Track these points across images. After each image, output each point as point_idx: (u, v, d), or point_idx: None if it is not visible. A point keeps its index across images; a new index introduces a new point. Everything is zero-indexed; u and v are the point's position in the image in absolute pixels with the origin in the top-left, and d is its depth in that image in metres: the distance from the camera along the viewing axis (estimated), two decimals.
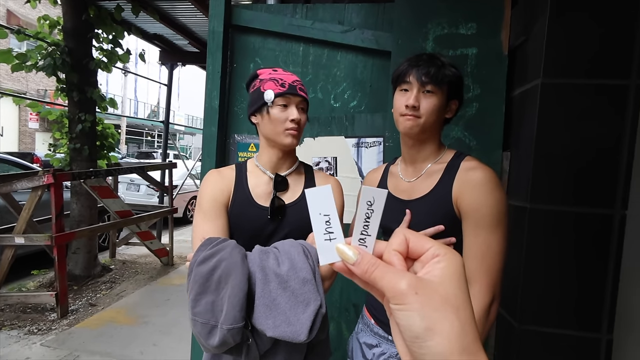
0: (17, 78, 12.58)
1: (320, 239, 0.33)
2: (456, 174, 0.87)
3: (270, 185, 0.96)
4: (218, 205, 0.93)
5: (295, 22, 1.67)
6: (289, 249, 0.82)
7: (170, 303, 3.23)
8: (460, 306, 0.27)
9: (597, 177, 1.15)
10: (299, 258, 0.79)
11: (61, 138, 3.88)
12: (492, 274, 0.80)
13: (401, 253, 0.31)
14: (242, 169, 1.00)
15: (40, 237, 2.82)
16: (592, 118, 1.15)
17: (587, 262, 1.16)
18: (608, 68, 1.14)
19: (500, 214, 0.82)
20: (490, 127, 1.43)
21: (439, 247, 0.30)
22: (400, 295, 0.27)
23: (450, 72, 0.88)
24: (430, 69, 0.87)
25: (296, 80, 0.95)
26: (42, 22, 3.62)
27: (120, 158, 12.03)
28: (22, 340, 2.53)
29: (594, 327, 1.16)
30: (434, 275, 0.28)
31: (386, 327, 0.96)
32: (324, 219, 0.33)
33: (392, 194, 0.97)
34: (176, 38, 5.17)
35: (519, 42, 1.37)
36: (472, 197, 0.83)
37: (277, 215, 0.94)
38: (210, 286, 0.76)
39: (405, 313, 0.27)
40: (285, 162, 0.99)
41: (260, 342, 0.79)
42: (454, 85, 0.90)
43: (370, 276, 0.30)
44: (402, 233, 0.31)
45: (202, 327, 0.74)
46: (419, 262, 0.30)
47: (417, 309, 0.26)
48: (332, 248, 0.32)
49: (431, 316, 0.26)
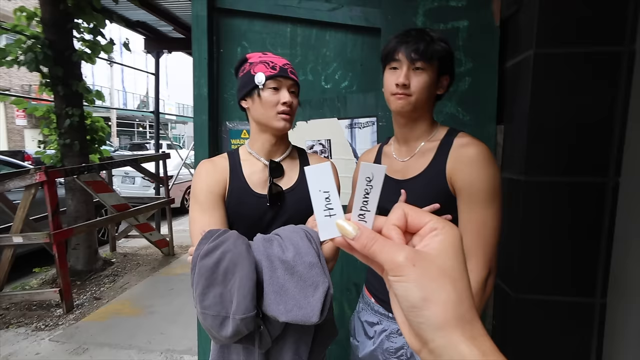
0: (0, 75, 12.23)
1: (320, 215, 0.34)
2: (449, 151, 0.87)
3: (266, 173, 0.95)
4: (214, 197, 0.91)
5: (281, 1, 1.62)
6: (291, 235, 0.82)
7: (174, 292, 3.27)
8: (457, 277, 0.28)
9: (591, 146, 1.16)
10: (303, 243, 0.79)
11: (50, 134, 3.82)
12: (488, 249, 0.81)
13: (400, 227, 0.31)
14: (236, 157, 0.98)
15: (39, 235, 2.81)
16: (585, 87, 1.14)
17: (582, 230, 1.18)
18: (601, 35, 1.12)
19: (494, 189, 0.82)
20: (483, 101, 1.42)
21: (437, 221, 0.30)
22: (398, 267, 0.28)
23: (440, 47, 0.86)
24: (420, 45, 0.85)
25: (287, 64, 0.93)
26: (19, 14, 3.49)
27: (112, 151, 11.92)
28: (30, 337, 2.56)
29: (588, 292, 1.19)
30: (431, 248, 0.29)
31: (386, 305, 0.98)
32: (324, 196, 0.34)
33: (386, 174, 0.97)
34: (160, 24, 5.02)
35: (511, 12, 1.34)
36: (466, 174, 0.83)
37: (276, 202, 0.94)
38: (217, 278, 0.76)
39: (402, 284, 0.27)
40: (279, 147, 0.98)
41: (271, 328, 0.81)
42: (445, 60, 0.88)
43: (369, 250, 0.30)
44: (401, 208, 0.32)
45: (214, 319, 0.75)
46: (417, 236, 0.31)
47: (414, 280, 0.27)
48: (332, 224, 0.33)
49: (428, 286, 0.27)
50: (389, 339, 0.96)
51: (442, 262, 0.28)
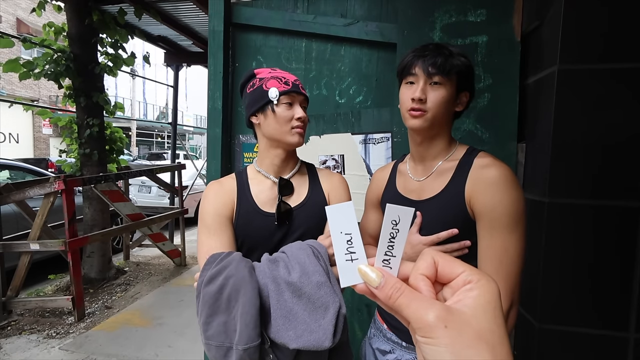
0: (30, 85, 12.85)
1: (341, 259, 0.32)
2: (469, 171, 0.82)
3: (274, 190, 0.93)
4: (222, 220, 0.89)
5: (297, 17, 1.62)
6: (297, 253, 0.78)
7: (183, 304, 3.26)
8: (497, 343, 0.24)
9: (619, 167, 1.09)
10: (309, 261, 0.76)
11: (71, 144, 3.93)
12: (511, 278, 0.75)
13: (429, 277, 0.28)
14: (243, 177, 0.97)
15: (55, 242, 2.86)
16: (613, 104, 1.08)
17: (612, 257, 1.10)
18: (628, 51, 1.06)
19: (517, 214, 0.76)
20: (503, 118, 1.37)
21: (471, 272, 0.26)
22: (428, 328, 0.24)
23: (459, 61, 0.82)
24: (437, 59, 0.81)
25: (297, 79, 0.94)
26: (48, 29, 3.65)
27: (131, 160, 12.25)
28: (41, 345, 2.58)
29: (621, 326, 1.10)
30: (465, 305, 0.25)
31: (400, 332, 0.92)
32: (345, 238, 0.32)
33: (400, 194, 0.93)
34: (180, 39, 5.17)
35: (533, 27, 1.30)
36: (487, 197, 0.77)
37: (284, 221, 0.91)
38: (221, 306, 0.72)
39: (432, 348, 0.24)
40: (288, 163, 0.96)
41: (281, 355, 0.76)
42: (464, 75, 0.84)
43: (394, 303, 0.27)
44: (431, 255, 0.28)
45: (217, 350, 0.71)
46: (448, 288, 0.27)
47: (447, 345, 0.23)
48: (354, 269, 0.31)
49: (462, 353, 0.23)
50: None
51: (478, 323, 0.24)
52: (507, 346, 0.24)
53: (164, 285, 3.70)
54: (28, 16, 11.73)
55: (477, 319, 0.24)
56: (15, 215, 3.31)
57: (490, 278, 0.26)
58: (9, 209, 3.22)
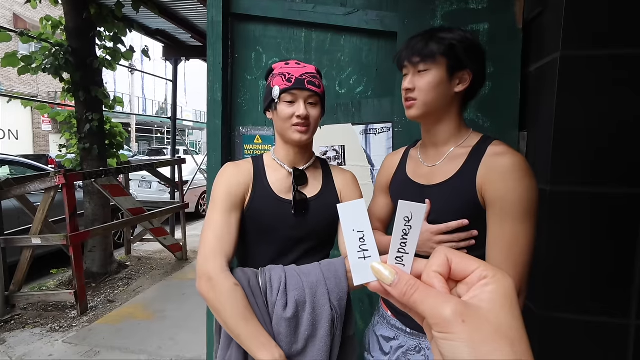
0: (28, 81, 12.77)
1: (354, 257, 0.31)
2: (482, 159, 0.80)
3: (289, 180, 0.95)
4: (233, 199, 0.89)
5: (296, 6, 1.61)
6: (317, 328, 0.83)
7: (185, 297, 3.27)
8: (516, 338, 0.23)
9: (622, 154, 1.08)
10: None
11: (71, 139, 3.92)
12: (519, 268, 0.74)
13: (442, 274, 0.27)
14: (260, 163, 0.98)
15: (56, 237, 2.86)
16: (616, 91, 1.07)
17: (613, 245, 1.10)
18: (633, 36, 1.05)
19: (530, 203, 0.74)
20: (505, 107, 1.36)
21: (486, 268, 0.26)
22: (445, 323, 0.24)
23: (443, 43, 0.80)
24: (417, 46, 0.81)
25: (306, 74, 0.90)
26: (45, 23, 3.62)
27: (131, 156, 12.21)
28: (44, 338, 2.59)
29: (622, 313, 1.10)
30: (482, 300, 0.25)
31: (404, 319, 0.92)
32: (358, 236, 0.32)
33: (410, 178, 0.92)
34: (178, 32, 5.14)
35: (535, 14, 1.29)
36: (499, 185, 0.76)
37: (301, 210, 0.92)
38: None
39: (451, 343, 0.23)
40: (302, 157, 0.97)
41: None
42: (454, 55, 0.80)
43: (409, 299, 0.27)
44: (444, 253, 0.28)
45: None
46: (463, 285, 0.27)
47: (465, 340, 0.23)
48: (367, 267, 0.31)
49: (482, 349, 0.22)
50: (405, 355, 0.90)
51: (496, 318, 0.24)
52: (526, 341, 0.24)
53: (165, 279, 3.71)
54: (25, 12, 11.65)
55: (495, 314, 0.24)
56: (16, 211, 3.31)
57: (505, 273, 0.26)
58: (10, 204, 3.22)
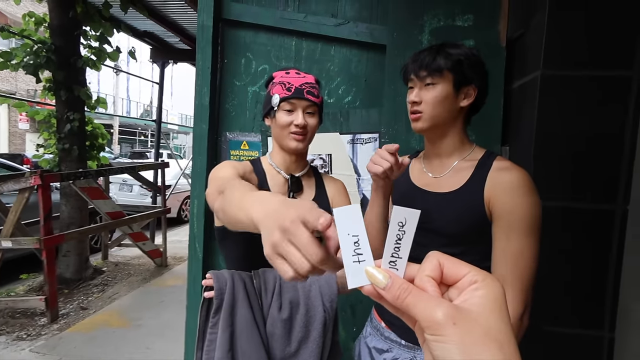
0: (7, 78, 12.35)
1: (348, 261, 0.32)
2: (488, 172, 0.82)
3: (285, 187, 0.96)
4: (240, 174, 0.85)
5: (287, 15, 1.62)
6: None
7: (163, 305, 3.17)
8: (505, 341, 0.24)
9: (599, 171, 1.12)
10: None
11: (49, 138, 3.79)
12: (525, 281, 0.76)
13: (434, 279, 0.28)
14: (259, 167, 0.98)
15: (28, 240, 2.74)
16: (594, 110, 1.12)
17: (589, 259, 1.14)
18: (610, 59, 1.10)
19: (534, 218, 0.77)
20: (488, 121, 1.39)
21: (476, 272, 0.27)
22: (437, 326, 0.25)
23: (449, 57, 0.82)
24: (424, 60, 0.83)
25: (305, 84, 0.91)
26: (28, 19, 3.52)
27: (113, 158, 11.90)
28: (10, 347, 2.46)
29: (596, 325, 1.13)
30: (472, 304, 0.25)
31: (399, 330, 0.91)
32: (353, 240, 0.32)
33: (416, 186, 0.92)
34: (167, 35, 5.09)
35: (518, 35, 1.34)
36: (507, 199, 0.78)
37: None
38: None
39: (442, 345, 0.24)
40: (298, 164, 0.98)
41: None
42: (461, 70, 0.83)
43: (402, 302, 0.27)
44: (436, 257, 0.29)
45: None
46: (454, 289, 0.28)
47: (456, 342, 0.24)
48: (361, 270, 0.31)
49: (472, 351, 0.23)
50: None
51: (486, 321, 0.25)
52: (515, 344, 0.25)
53: (143, 286, 3.59)
54: (7, 7, 11.32)
55: (484, 317, 0.25)
56: None
57: (494, 278, 0.27)
58: None
